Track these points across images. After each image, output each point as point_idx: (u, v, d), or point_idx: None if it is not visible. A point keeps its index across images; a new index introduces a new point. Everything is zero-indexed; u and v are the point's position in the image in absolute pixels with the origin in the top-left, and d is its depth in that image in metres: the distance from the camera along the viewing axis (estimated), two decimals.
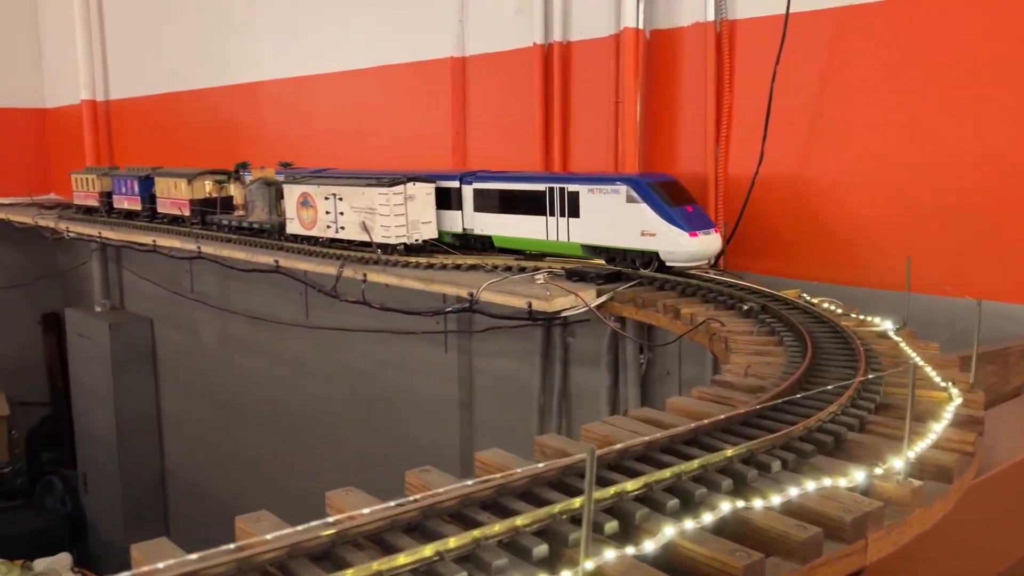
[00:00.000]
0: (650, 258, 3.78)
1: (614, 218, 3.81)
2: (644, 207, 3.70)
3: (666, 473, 1.71)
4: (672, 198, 3.74)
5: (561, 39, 4.77)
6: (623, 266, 3.88)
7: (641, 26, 4.31)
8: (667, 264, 3.74)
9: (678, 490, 1.70)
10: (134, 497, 8.70)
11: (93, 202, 7.32)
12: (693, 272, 3.80)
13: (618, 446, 1.80)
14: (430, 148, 5.74)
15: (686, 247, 3.65)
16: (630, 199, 3.73)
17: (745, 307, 3.30)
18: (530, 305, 3.70)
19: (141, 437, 8.69)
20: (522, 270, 4.18)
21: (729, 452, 1.83)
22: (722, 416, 2.04)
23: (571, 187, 3.98)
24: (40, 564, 7.11)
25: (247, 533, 1.61)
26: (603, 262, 4.01)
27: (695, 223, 3.68)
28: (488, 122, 5.34)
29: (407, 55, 5.83)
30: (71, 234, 7.29)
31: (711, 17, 4.13)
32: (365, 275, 4.61)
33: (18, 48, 10.21)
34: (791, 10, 3.83)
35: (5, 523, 8.21)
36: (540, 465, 1.67)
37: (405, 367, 6.03)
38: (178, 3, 8.06)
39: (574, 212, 3.97)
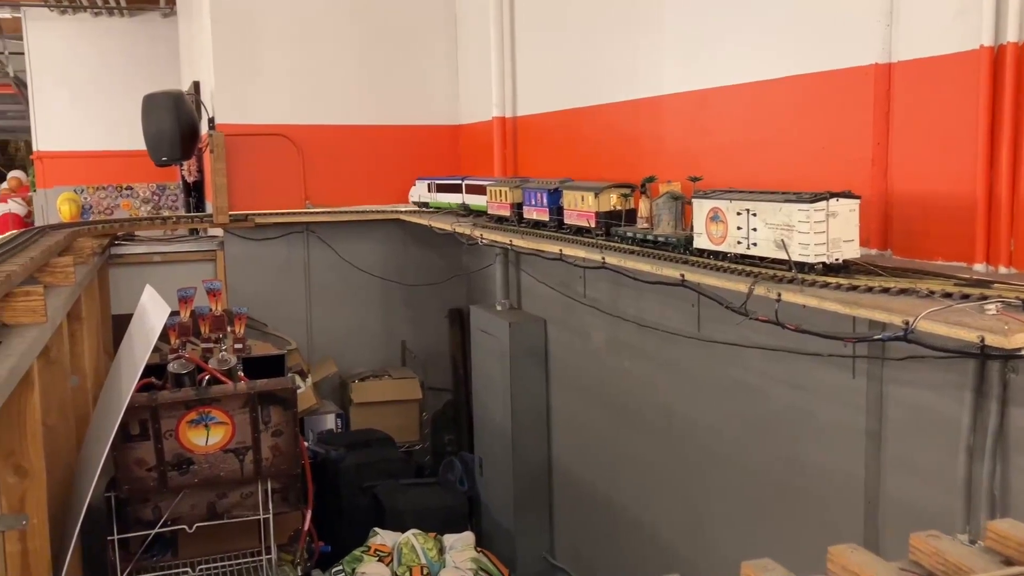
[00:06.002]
0: None
1: None
2: None
3: None
4: None
5: (1016, 39, 4.25)
6: None
7: None
8: None
9: None
10: (523, 484, 9.32)
11: (504, 212, 7.94)
12: None
13: None
14: (842, 160, 5.44)
15: None
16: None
17: None
18: (982, 339, 3.34)
19: (532, 429, 9.28)
20: (964, 297, 3.79)
21: None
22: None
23: None
24: (448, 539, 7.84)
25: None
26: None
27: None
28: (917, 132, 4.93)
29: (821, 63, 5.57)
30: (484, 241, 7.99)
31: None
32: (779, 294, 4.48)
33: (440, 76, 11.59)
34: None
35: (418, 497, 9.15)
36: None
37: (804, 388, 5.78)
38: (580, 25, 8.49)
39: None
